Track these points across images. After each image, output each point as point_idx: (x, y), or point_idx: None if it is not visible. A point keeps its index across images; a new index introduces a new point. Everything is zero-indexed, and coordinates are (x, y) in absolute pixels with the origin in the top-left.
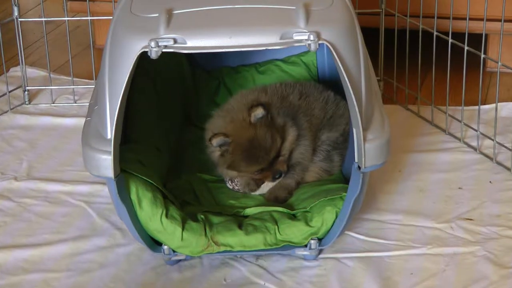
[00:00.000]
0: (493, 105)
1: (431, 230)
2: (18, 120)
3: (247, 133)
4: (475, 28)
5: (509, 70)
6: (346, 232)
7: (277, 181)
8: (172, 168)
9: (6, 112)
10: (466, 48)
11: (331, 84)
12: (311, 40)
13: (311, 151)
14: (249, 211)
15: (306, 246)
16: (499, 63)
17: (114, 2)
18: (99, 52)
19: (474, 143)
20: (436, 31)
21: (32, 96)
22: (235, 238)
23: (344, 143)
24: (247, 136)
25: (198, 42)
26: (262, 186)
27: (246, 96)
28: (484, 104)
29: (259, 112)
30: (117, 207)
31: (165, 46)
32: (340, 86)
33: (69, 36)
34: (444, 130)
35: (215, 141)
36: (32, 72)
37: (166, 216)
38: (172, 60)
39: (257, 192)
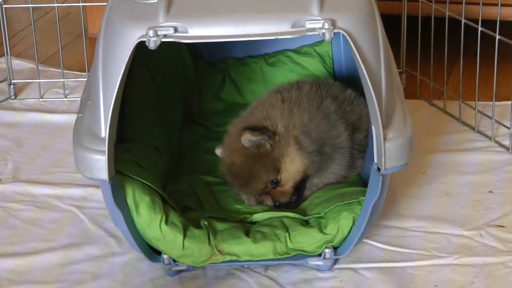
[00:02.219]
0: None
1: (458, 238)
2: (3, 117)
3: (232, 156)
4: (507, 15)
5: None
6: (364, 240)
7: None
8: (172, 169)
9: None
10: (497, 37)
11: (348, 77)
12: (325, 29)
13: (347, 168)
14: (257, 216)
15: (320, 255)
16: None
17: None
18: (92, 42)
19: (506, 142)
20: (465, 18)
21: (18, 90)
22: (241, 247)
23: (367, 145)
24: (231, 160)
25: (201, 31)
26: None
27: (275, 95)
28: None
29: (246, 137)
30: (112, 212)
31: (165, 36)
32: (358, 79)
33: (58, 24)
34: (473, 128)
35: (218, 152)
36: (18, 64)
37: (166, 222)
38: (173, 51)
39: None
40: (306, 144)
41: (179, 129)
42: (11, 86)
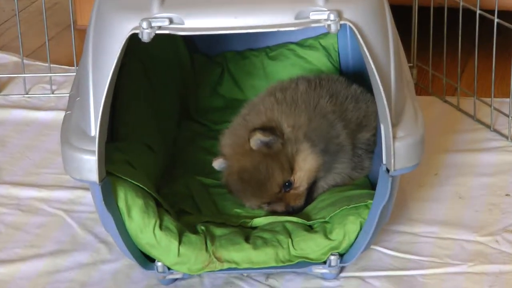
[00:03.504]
0: None
1: (473, 244)
2: None
3: (242, 161)
4: None
5: None
6: (372, 246)
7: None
8: (167, 170)
9: None
10: None
11: (355, 72)
12: (331, 20)
13: (352, 167)
14: (257, 221)
15: (325, 263)
16: None
17: None
18: (81, 34)
19: None
20: (480, 9)
21: (2, 86)
22: (241, 254)
23: (376, 144)
24: (242, 166)
25: (198, 23)
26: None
27: (269, 98)
28: None
29: (257, 138)
30: (102, 216)
31: (159, 27)
32: (366, 74)
33: (45, 14)
34: (488, 126)
35: (217, 165)
36: (1, 57)
37: (160, 227)
38: (168, 44)
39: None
40: (316, 141)
41: (175, 127)
42: None
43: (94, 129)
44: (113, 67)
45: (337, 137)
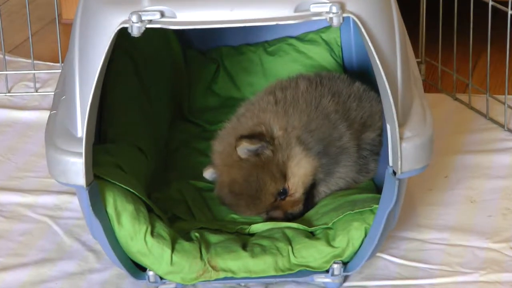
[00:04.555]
0: None
1: (485, 251)
2: None
3: (232, 173)
4: None
5: None
6: (378, 254)
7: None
8: (159, 174)
9: None
10: None
11: (359, 68)
12: (333, 13)
13: (356, 170)
14: (255, 227)
15: (327, 271)
16: None
17: None
18: (67, 29)
19: None
20: (492, 1)
21: None
22: (238, 262)
23: (381, 145)
24: (231, 178)
25: (191, 16)
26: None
27: (267, 97)
28: None
29: (243, 147)
30: (90, 223)
31: (150, 21)
32: (371, 70)
33: (28, 8)
34: (502, 125)
35: (208, 175)
36: None
37: (152, 234)
38: (159, 39)
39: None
40: (311, 144)
41: (167, 127)
42: None
43: (81, 130)
44: (101, 63)
45: (339, 139)
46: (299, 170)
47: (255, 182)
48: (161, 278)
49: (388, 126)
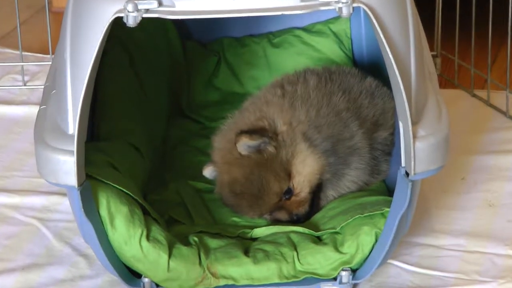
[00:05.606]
0: None
1: (505, 258)
2: None
3: (232, 172)
4: None
5: None
6: (390, 261)
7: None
8: (156, 174)
9: None
10: None
11: (370, 62)
12: (342, 3)
13: (369, 172)
14: (258, 231)
15: (335, 279)
16: None
17: None
18: (58, 17)
19: None
20: None
21: None
22: (239, 269)
23: (393, 145)
24: (232, 177)
25: (190, 5)
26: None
27: (274, 90)
28: None
29: (243, 143)
30: (81, 225)
31: (147, 10)
32: (382, 64)
33: None
34: None
35: (207, 173)
36: None
37: (147, 238)
38: (156, 30)
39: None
40: (317, 141)
41: (165, 124)
42: None
43: (72, 126)
44: (94, 55)
45: (350, 139)
46: (305, 169)
47: (258, 181)
48: (157, 285)
49: (400, 124)
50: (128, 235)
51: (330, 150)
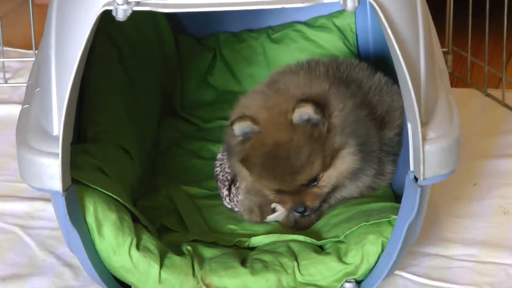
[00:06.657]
0: None
1: None
2: None
3: (281, 135)
4: None
5: None
6: (397, 272)
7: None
8: (147, 178)
9: None
10: None
11: (377, 59)
12: None
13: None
14: (256, 240)
15: None
16: None
17: None
18: (42, 11)
19: None
20: None
21: None
22: (236, 280)
23: (399, 145)
24: (278, 138)
25: None
26: (273, 215)
27: (314, 72)
28: None
29: (305, 112)
30: (67, 233)
31: (137, 3)
32: (390, 61)
33: None
34: None
35: (239, 127)
36: None
37: (137, 247)
38: (147, 24)
39: (271, 219)
40: (359, 139)
41: (156, 125)
42: None
43: (57, 127)
44: (81, 51)
45: (373, 143)
46: (342, 165)
47: (306, 155)
48: None
49: (409, 126)
50: (116, 244)
51: (362, 154)
